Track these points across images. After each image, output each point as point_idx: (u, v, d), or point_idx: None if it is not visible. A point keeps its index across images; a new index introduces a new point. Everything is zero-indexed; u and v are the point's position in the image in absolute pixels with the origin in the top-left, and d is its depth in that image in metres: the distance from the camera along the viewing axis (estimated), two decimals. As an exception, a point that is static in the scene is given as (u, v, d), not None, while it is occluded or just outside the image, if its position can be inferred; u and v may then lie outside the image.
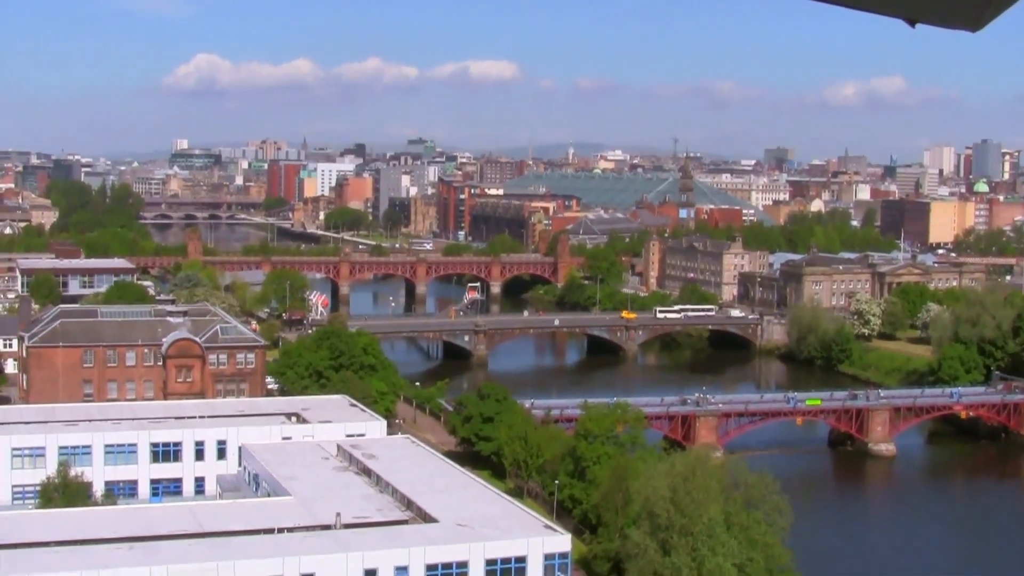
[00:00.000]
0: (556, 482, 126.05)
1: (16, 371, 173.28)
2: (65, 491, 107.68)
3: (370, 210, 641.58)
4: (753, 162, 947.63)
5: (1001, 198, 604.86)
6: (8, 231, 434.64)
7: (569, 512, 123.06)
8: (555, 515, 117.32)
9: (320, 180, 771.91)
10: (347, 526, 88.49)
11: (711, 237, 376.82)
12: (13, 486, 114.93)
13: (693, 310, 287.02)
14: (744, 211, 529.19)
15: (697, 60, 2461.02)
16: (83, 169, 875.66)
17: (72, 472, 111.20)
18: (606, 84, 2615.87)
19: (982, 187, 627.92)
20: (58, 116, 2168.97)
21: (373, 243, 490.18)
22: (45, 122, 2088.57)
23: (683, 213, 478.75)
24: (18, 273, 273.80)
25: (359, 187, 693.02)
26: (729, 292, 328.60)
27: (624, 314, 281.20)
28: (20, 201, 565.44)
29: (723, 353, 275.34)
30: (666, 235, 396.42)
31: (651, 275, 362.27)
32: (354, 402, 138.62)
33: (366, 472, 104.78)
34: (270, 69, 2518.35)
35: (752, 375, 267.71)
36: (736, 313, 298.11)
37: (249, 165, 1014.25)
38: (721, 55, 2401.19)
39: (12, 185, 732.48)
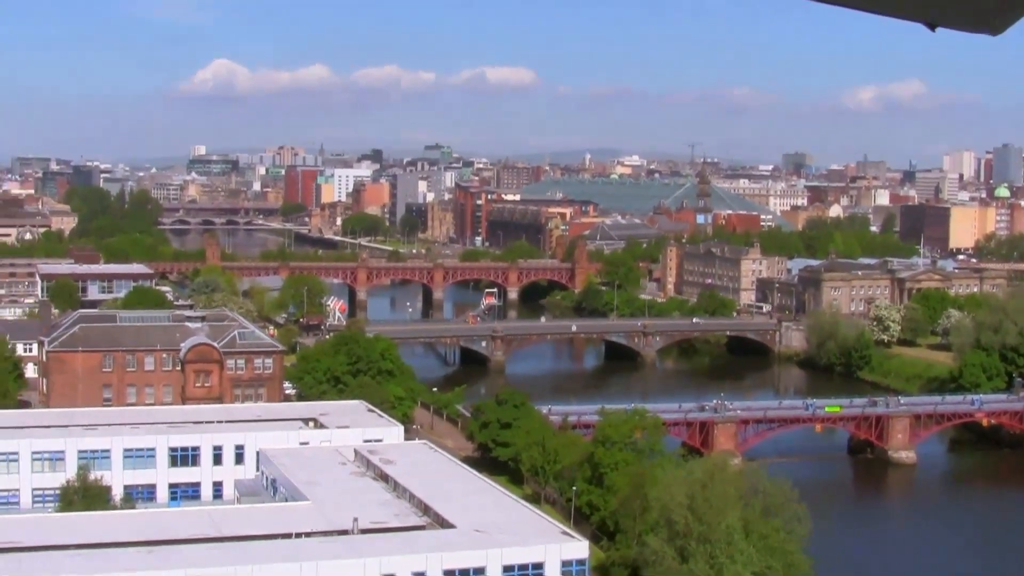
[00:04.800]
0: (574, 488, 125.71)
1: (36, 375, 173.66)
2: (84, 495, 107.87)
3: (387, 216, 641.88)
4: (771, 167, 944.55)
5: (1022, 203, 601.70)
6: (28, 236, 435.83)
7: (587, 518, 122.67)
8: (572, 521, 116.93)
9: (337, 186, 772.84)
10: (364, 531, 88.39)
11: (729, 243, 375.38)
12: (33, 489, 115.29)
13: None
14: (762, 216, 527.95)
15: (713, 65, 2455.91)
16: (102, 175, 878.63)
17: (91, 476, 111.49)
18: (623, 90, 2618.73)
19: (1003, 192, 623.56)
20: (77, 122, 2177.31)
21: (390, 249, 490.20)
22: (65, 128, 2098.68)
23: (700, 218, 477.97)
24: (38, 278, 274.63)
25: (376, 193, 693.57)
26: (747, 298, 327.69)
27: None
28: (40, 207, 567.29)
29: (741, 359, 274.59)
30: (684, 241, 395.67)
31: (669, 281, 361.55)
32: (372, 407, 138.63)
33: (383, 477, 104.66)
34: (287, 75, 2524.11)
35: (771, 381, 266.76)
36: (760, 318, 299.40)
37: (267, 171, 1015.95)
38: (737, 60, 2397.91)
39: (32, 191, 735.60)
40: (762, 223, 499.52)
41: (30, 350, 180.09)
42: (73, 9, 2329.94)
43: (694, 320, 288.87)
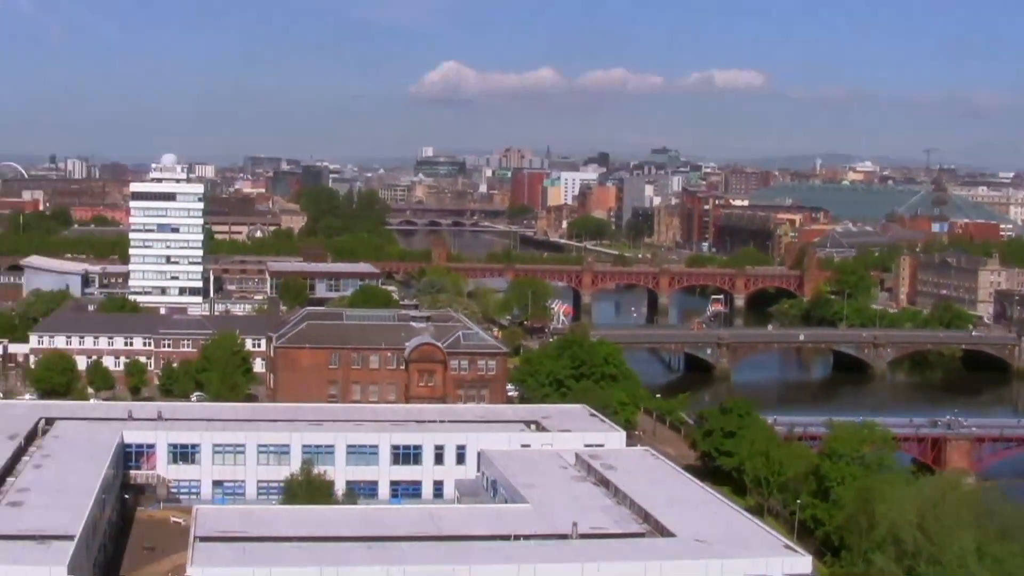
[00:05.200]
0: (798, 501, 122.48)
1: (264, 370, 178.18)
2: (308, 488, 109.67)
3: (613, 219, 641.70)
4: (1012, 174, 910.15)
5: None
6: (259, 234, 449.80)
7: (811, 533, 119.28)
8: (796, 535, 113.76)
9: (563, 189, 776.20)
10: (583, 536, 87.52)
11: (966, 252, 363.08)
12: (259, 482, 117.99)
13: None
14: (1002, 226, 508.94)
15: (954, 67, 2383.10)
16: (331, 175, 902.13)
17: (315, 470, 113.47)
18: (856, 92, 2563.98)
19: None
20: (308, 123, 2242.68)
21: (616, 253, 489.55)
22: (295, 129, 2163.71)
23: (936, 227, 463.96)
24: (268, 275, 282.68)
25: (602, 196, 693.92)
26: (984, 310, 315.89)
27: None
28: (271, 206, 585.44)
29: (977, 374, 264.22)
30: (918, 250, 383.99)
31: (901, 291, 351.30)
32: (594, 412, 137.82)
33: (604, 483, 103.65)
34: (514, 78, 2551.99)
35: (1009, 398, 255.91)
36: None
37: (493, 173, 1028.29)
38: (978, 61, 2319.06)
39: (263, 190, 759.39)
40: (1002, 233, 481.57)
41: (259, 345, 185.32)
42: (305, 13, 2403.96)
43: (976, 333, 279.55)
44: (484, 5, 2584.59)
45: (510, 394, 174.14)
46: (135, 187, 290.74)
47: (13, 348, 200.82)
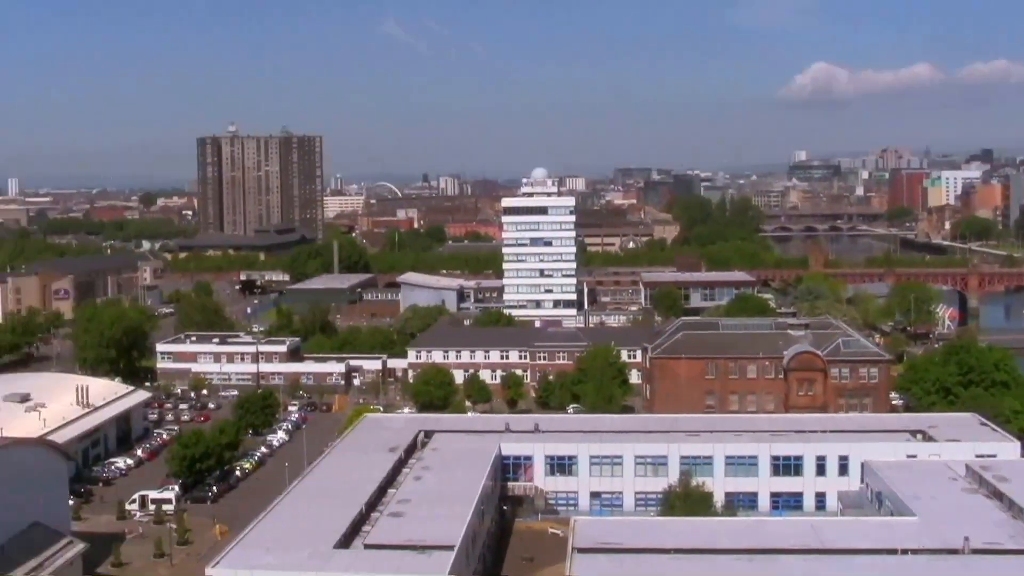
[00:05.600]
0: None
1: (640, 381, 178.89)
2: (686, 500, 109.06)
3: (1000, 219, 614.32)
4: None
5: None
6: (631, 245, 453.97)
7: None
8: None
9: (945, 189, 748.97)
10: (976, 552, 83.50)
11: None
12: (636, 493, 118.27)
13: None
14: None
15: None
16: (702, 183, 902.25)
17: (693, 482, 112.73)
18: None
19: None
20: (677, 132, 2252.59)
21: (1004, 253, 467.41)
22: (664, 138, 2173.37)
23: None
24: (641, 286, 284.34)
25: (987, 195, 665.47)
26: None
27: None
28: (643, 216, 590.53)
29: None
30: None
31: None
32: (984, 420, 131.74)
33: (997, 495, 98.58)
34: (889, 76, 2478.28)
35: None
36: None
37: (869, 175, 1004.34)
38: None
39: (635, 201, 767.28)
40: None
41: (634, 356, 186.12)
42: (676, 18, 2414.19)
43: None
44: (854, 2, 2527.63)
45: (894, 402, 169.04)
46: (507, 202, 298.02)
47: (392, 363, 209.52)
